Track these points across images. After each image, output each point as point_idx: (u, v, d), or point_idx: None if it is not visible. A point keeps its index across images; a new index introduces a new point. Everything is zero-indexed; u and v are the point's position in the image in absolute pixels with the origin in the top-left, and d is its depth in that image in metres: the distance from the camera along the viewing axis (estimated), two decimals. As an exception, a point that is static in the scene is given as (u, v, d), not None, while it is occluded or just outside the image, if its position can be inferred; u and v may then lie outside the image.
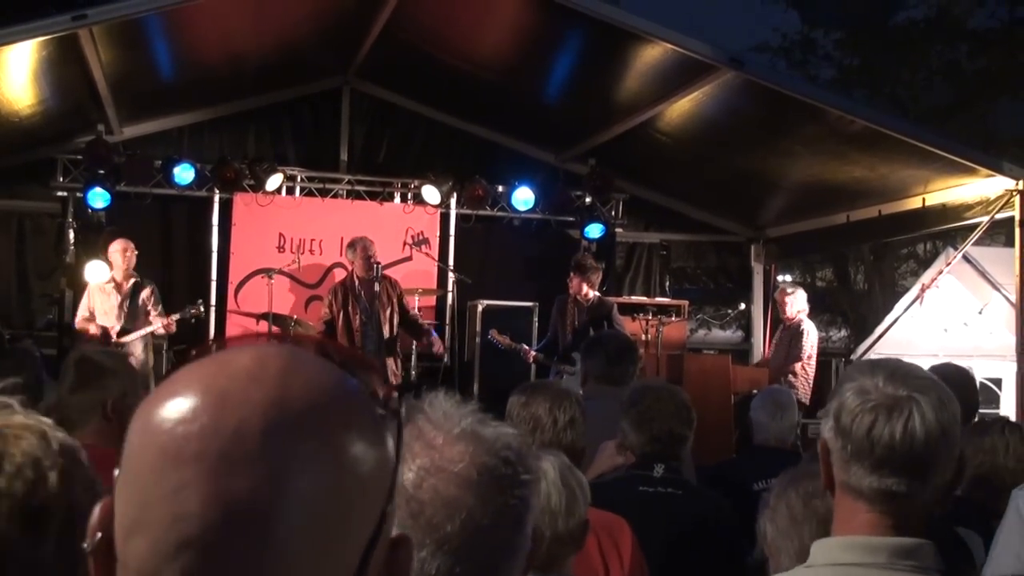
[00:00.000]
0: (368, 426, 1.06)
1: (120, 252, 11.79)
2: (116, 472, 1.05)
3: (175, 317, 11.93)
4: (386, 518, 1.06)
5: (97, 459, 4.43)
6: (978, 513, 4.31)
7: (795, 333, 12.39)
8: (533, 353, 12.18)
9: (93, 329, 11.53)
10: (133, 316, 11.78)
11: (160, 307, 11.98)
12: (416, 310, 12.56)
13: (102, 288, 11.76)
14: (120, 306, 11.74)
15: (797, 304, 12.55)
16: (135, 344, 11.67)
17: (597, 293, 12.11)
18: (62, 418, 4.30)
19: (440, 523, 1.72)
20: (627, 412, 4.99)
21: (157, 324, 11.81)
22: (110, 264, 11.87)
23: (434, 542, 1.72)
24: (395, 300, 11.72)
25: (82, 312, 11.77)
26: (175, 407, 1.01)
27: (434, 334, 12.10)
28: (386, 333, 11.63)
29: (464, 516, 1.74)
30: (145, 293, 11.91)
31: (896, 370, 2.33)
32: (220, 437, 0.98)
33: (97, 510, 1.05)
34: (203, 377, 1.03)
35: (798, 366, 12.18)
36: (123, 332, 11.63)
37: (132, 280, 11.85)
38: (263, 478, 0.98)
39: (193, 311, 12.15)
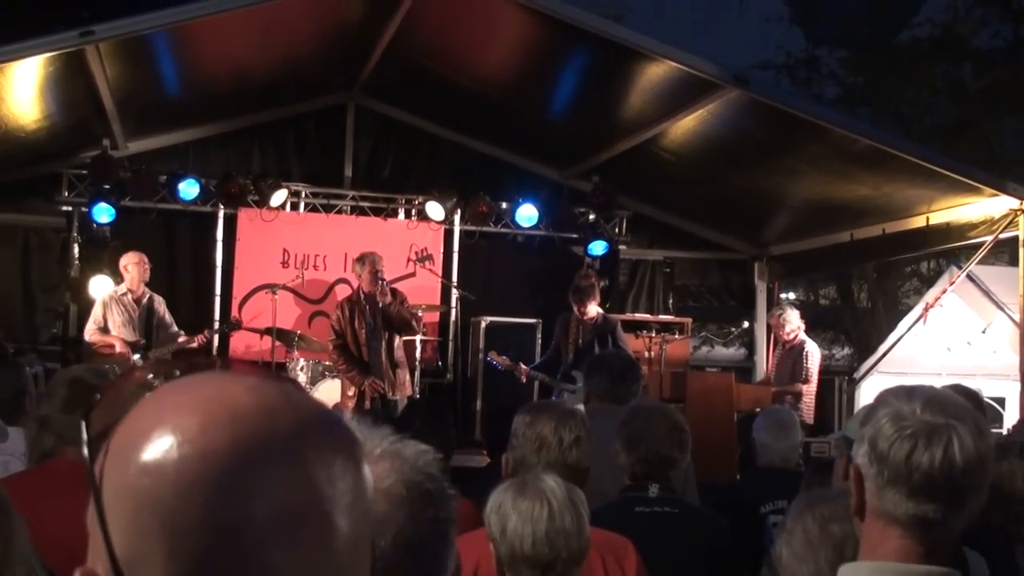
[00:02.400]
0: (359, 445, 1.10)
1: (137, 264, 11.79)
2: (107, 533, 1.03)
3: (215, 328, 12.03)
4: (375, 542, 1.10)
5: (84, 478, 4.44)
6: (998, 537, 4.29)
7: (798, 353, 12.34)
8: (526, 370, 12.14)
9: (120, 347, 11.48)
10: (150, 330, 11.78)
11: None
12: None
13: (119, 300, 11.74)
14: (138, 319, 11.73)
15: (791, 323, 12.50)
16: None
17: (601, 311, 12.10)
18: (55, 435, 4.33)
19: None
20: (620, 432, 5.03)
21: (184, 338, 11.87)
22: (123, 276, 11.85)
23: None
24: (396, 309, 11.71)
25: (93, 325, 11.70)
26: (213, 469, 1.00)
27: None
28: (384, 345, 11.65)
29: (395, 531, 1.75)
30: (161, 306, 11.96)
31: (933, 397, 2.33)
32: (273, 471, 1.00)
33: None
34: (218, 427, 1.02)
35: (802, 388, 12.13)
36: (147, 347, 11.64)
37: (146, 293, 11.87)
38: (315, 496, 1.01)
39: (230, 323, 12.31)
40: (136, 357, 11.41)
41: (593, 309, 11.84)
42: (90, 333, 11.73)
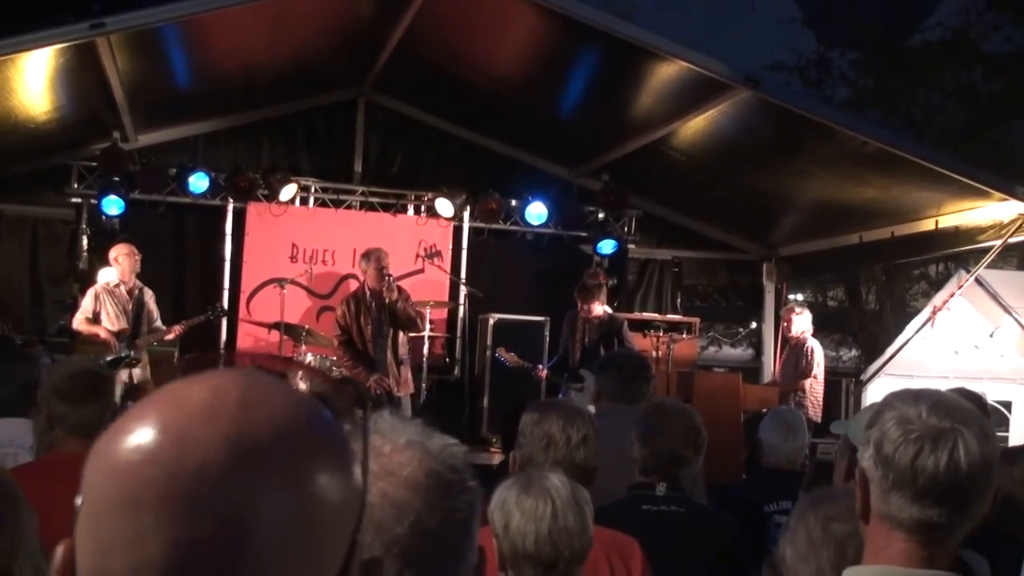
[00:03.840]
0: (335, 454, 1.04)
1: (127, 255, 11.77)
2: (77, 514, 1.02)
3: (200, 318, 12.02)
4: (355, 545, 1.04)
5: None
6: (1005, 543, 4.27)
7: (800, 352, 12.38)
8: (544, 371, 12.18)
9: (103, 334, 11.50)
10: (140, 321, 11.78)
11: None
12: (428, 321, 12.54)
13: (111, 292, 11.74)
14: (130, 311, 11.73)
15: (802, 324, 12.55)
16: (143, 352, 11.71)
17: (608, 310, 12.11)
18: (63, 426, 4.32)
19: (389, 525, 1.73)
20: (638, 424, 5.05)
21: (166, 329, 11.87)
22: (114, 267, 11.85)
23: (383, 544, 1.72)
24: (400, 304, 11.66)
25: (84, 314, 11.67)
26: (133, 447, 0.98)
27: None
28: (389, 341, 11.65)
29: (413, 519, 1.75)
30: (151, 299, 11.95)
31: (939, 401, 2.32)
32: (180, 479, 0.96)
33: (60, 553, 1.03)
34: (160, 414, 1.00)
35: (807, 384, 12.16)
36: (134, 336, 11.65)
37: (137, 285, 11.87)
38: (226, 519, 0.96)
39: (217, 311, 12.32)
40: (120, 346, 11.45)
41: (598, 308, 11.86)
42: (78, 322, 11.72)
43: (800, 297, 22.87)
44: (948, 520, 2.26)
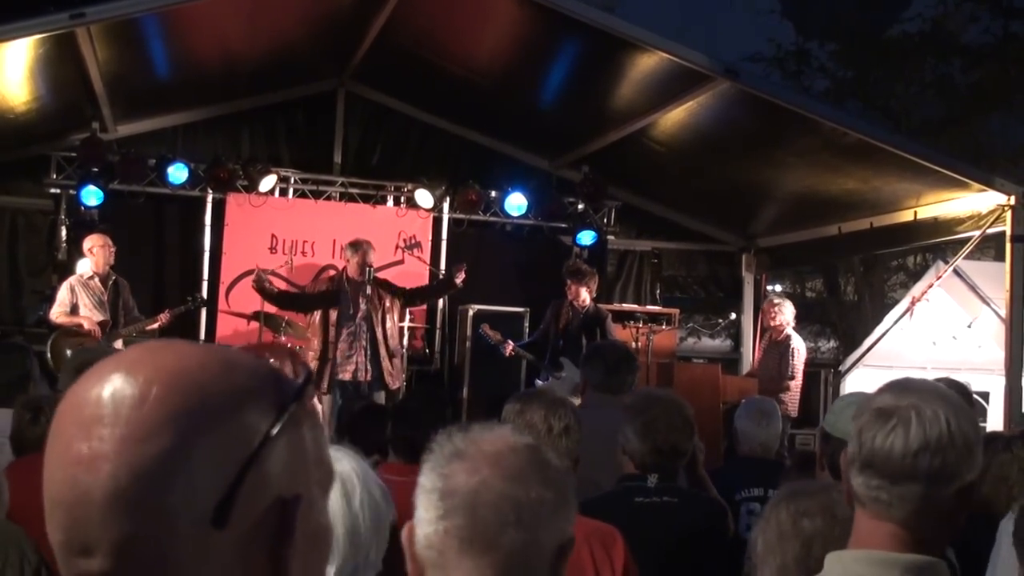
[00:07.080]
0: (205, 413, 1.16)
1: (102, 247, 11.71)
2: None
3: (179, 309, 11.99)
4: (241, 480, 1.15)
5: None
6: (985, 521, 4.29)
7: (784, 349, 12.32)
8: (511, 347, 12.14)
9: (87, 324, 11.45)
10: (117, 312, 11.75)
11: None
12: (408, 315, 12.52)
13: (86, 284, 11.68)
14: (106, 302, 11.69)
15: (784, 316, 12.49)
16: (119, 342, 11.68)
17: (592, 301, 12.12)
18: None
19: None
20: (632, 420, 4.98)
21: (149, 319, 11.84)
22: (88, 258, 11.80)
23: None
24: (388, 299, 11.61)
25: (61, 307, 11.58)
26: (62, 407, 1.21)
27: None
28: (379, 335, 11.56)
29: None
30: (125, 290, 11.91)
31: (908, 384, 2.37)
32: (79, 414, 1.16)
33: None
34: (91, 376, 1.20)
35: (789, 384, 12.13)
36: (114, 327, 11.62)
37: (112, 277, 11.83)
38: (90, 449, 1.13)
39: (197, 301, 12.30)
40: (104, 337, 11.42)
41: (585, 296, 11.86)
42: (56, 315, 11.60)
43: (779, 288, 22.93)
44: (900, 498, 2.29)
